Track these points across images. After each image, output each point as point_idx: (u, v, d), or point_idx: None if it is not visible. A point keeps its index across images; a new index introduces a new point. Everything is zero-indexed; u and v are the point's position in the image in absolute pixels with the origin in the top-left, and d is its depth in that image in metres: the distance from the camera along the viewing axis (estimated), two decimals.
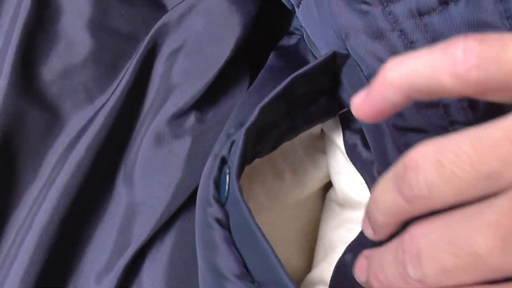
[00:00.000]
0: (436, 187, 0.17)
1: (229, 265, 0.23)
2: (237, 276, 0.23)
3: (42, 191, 0.31)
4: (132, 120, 0.33)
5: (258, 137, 0.26)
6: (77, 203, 0.30)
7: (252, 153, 0.27)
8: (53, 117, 0.32)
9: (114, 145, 0.32)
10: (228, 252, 0.23)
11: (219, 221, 0.24)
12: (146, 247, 0.30)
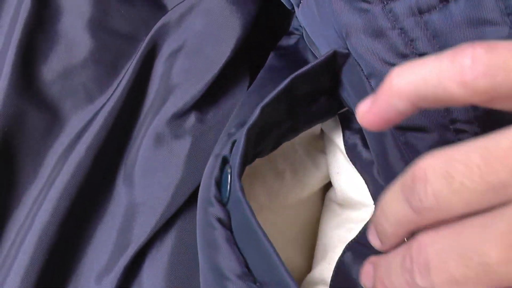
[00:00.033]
0: (445, 199, 0.17)
1: (231, 265, 0.23)
2: (239, 276, 0.23)
3: (42, 191, 0.31)
4: (132, 120, 0.33)
5: (259, 137, 0.26)
6: (77, 204, 0.30)
7: (253, 153, 0.27)
8: (53, 117, 0.32)
9: (114, 146, 0.32)
10: (230, 252, 0.23)
11: (221, 221, 0.24)
12: (146, 247, 0.30)
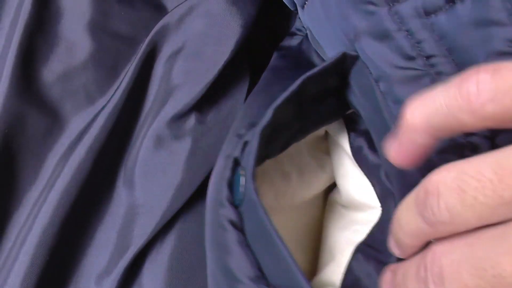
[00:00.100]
0: (458, 213, 0.17)
1: (243, 268, 0.23)
2: (252, 279, 0.22)
3: (43, 193, 0.31)
4: (132, 122, 0.33)
5: (270, 138, 0.25)
6: (78, 205, 0.30)
7: (263, 155, 0.26)
8: (54, 119, 0.32)
9: (114, 147, 0.32)
10: (242, 255, 0.23)
11: (233, 223, 0.23)
12: (147, 249, 0.30)
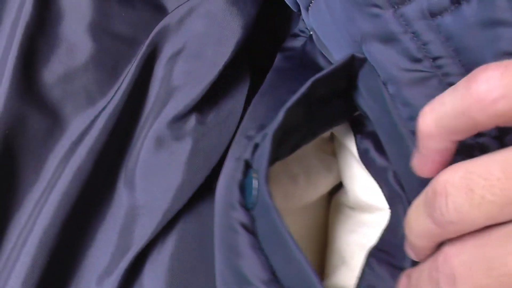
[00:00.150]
0: (466, 212, 0.17)
1: (256, 271, 0.23)
2: (264, 282, 0.22)
3: (44, 194, 0.31)
4: (133, 123, 0.33)
5: (281, 141, 0.25)
6: (78, 206, 0.30)
7: (274, 157, 0.26)
8: (54, 121, 0.32)
9: (115, 148, 0.32)
10: (255, 258, 0.23)
11: (245, 226, 0.23)
12: (147, 250, 0.30)
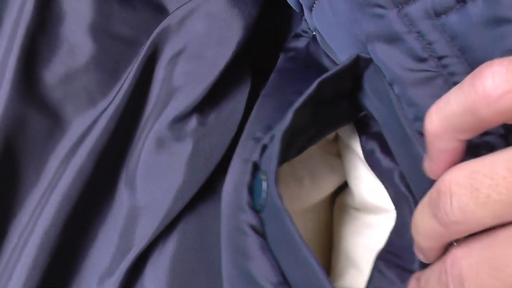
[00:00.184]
0: (471, 212, 0.17)
1: (265, 273, 0.22)
2: (274, 285, 0.22)
3: (45, 195, 0.31)
4: (134, 124, 0.33)
5: (288, 143, 0.25)
6: (79, 207, 0.30)
7: (281, 159, 0.26)
8: (55, 121, 0.32)
9: (116, 149, 0.32)
10: (264, 260, 0.23)
11: (254, 228, 0.23)
12: (149, 250, 0.30)
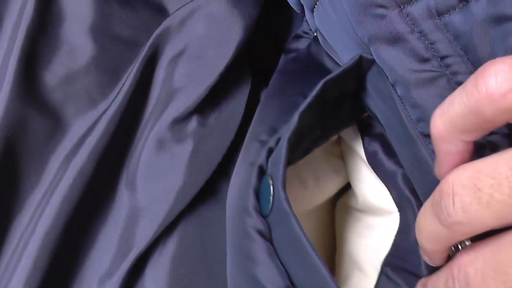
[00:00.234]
0: (474, 212, 0.17)
1: (272, 278, 0.22)
2: None
3: (45, 196, 0.31)
4: (134, 125, 0.33)
5: (294, 145, 0.25)
6: (80, 208, 0.30)
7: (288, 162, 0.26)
8: (56, 123, 0.32)
9: (116, 150, 0.32)
10: (271, 265, 0.23)
11: (261, 233, 0.23)
12: (149, 251, 0.30)
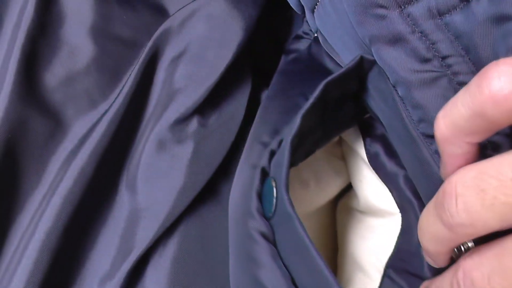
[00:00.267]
0: (478, 214, 0.17)
1: (275, 281, 0.22)
2: None
3: (45, 197, 0.31)
4: (135, 126, 0.33)
5: (296, 147, 0.25)
6: (80, 209, 0.30)
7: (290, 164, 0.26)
8: (56, 124, 0.32)
9: (117, 151, 0.32)
10: (275, 268, 0.23)
11: (264, 235, 0.23)
12: (149, 253, 0.30)
